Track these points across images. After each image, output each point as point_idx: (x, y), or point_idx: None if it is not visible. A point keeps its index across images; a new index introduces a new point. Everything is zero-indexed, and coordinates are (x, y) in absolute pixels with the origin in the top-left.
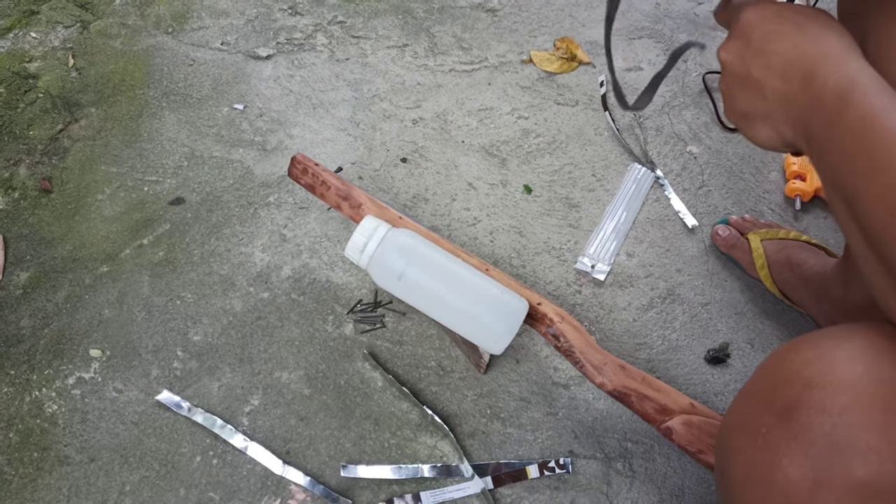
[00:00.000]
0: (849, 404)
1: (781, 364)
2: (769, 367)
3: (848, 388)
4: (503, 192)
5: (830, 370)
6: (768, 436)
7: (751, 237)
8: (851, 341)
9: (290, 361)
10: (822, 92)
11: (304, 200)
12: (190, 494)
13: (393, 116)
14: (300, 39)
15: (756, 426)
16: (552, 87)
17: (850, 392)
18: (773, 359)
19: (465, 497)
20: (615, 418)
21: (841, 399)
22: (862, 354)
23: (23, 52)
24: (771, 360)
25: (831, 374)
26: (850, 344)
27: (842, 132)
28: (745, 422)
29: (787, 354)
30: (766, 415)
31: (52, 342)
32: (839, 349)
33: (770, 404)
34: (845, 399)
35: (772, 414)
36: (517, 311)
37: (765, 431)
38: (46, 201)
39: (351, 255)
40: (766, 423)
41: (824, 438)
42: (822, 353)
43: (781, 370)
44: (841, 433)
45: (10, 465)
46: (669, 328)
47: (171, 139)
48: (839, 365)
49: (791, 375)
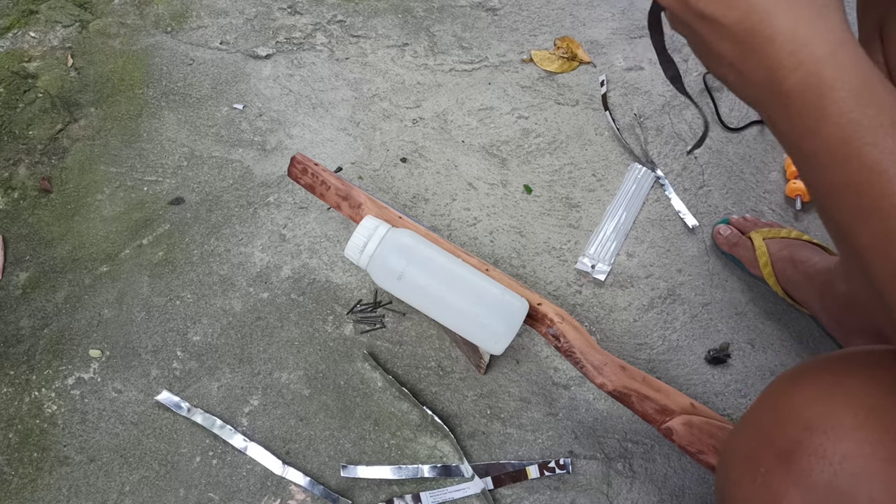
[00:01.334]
0: (850, 452)
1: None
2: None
3: (849, 434)
4: (503, 192)
5: (832, 413)
6: (768, 477)
7: (753, 235)
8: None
9: (289, 362)
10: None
11: (303, 200)
12: (190, 495)
13: (393, 116)
14: (300, 39)
15: (756, 463)
16: (552, 86)
17: (851, 439)
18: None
19: (465, 497)
20: (615, 419)
21: (842, 446)
22: (864, 395)
23: (22, 51)
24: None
25: (833, 419)
26: (852, 382)
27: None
28: (746, 455)
29: (789, 388)
30: (766, 453)
31: (52, 342)
32: (841, 388)
33: (770, 442)
34: (846, 446)
35: (772, 453)
36: (517, 311)
37: (764, 472)
38: (46, 201)
39: (351, 255)
40: (766, 463)
41: (824, 486)
42: (824, 392)
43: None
44: (842, 482)
45: (10, 465)
46: (670, 328)
47: (170, 139)
48: (841, 408)
49: (792, 414)
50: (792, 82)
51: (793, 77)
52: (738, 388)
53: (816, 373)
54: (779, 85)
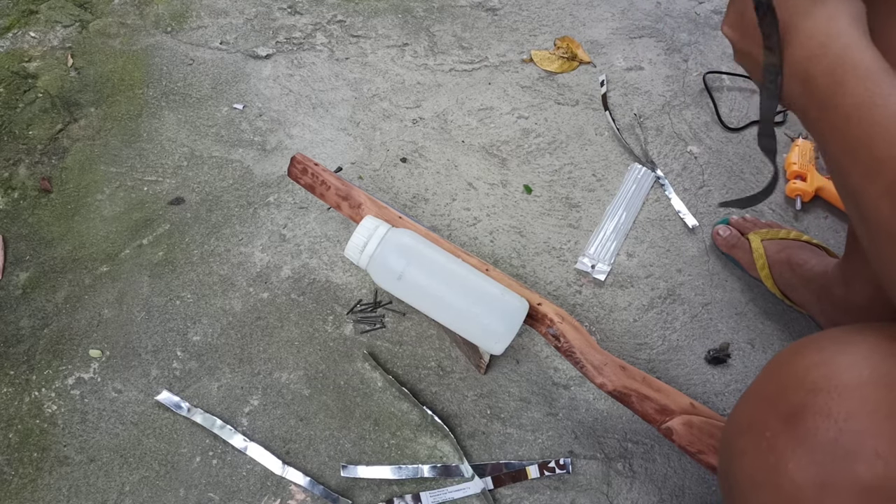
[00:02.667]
0: (854, 410)
1: (786, 367)
2: (774, 370)
3: (853, 393)
4: (503, 192)
5: (835, 374)
6: (773, 440)
7: (751, 237)
8: (856, 344)
9: (289, 362)
10: (814, 74)
11: (303, 200)
12: (189, 495)
13: (393, 116)
14: (300, 39)
15: (761, 429)
16: (552, 86)
17: (855, 397)
18: (777, 361)
19: (465, 497)
20: (615, 418)
21: (846, 404)
22: (867, 358)
23: (22, 51)
24: (775, 363)
25: (836, 379)
26: (854, 347)
27: (837, 119)
28: (750, 424)
29: (791, 357)
30: (771, 418)
31: (52, 342)
32: (844, 352)
33: (775, 408)
34: (851, 404)
35: (777, 418)
36: (517, 311)
37: (770, 435)
38: (46, 201)
39: (351, 255)
40: (771, 427)
41: (830, 444)
42: (827, 356)
43: (786, 373)
44: (847, 439)
45: (10, 465)
46: (670, 328)
47: (170, 139)
48: (844, 369)
49: (796, 379)
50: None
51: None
52: (738, 388)
53: (818, 341)
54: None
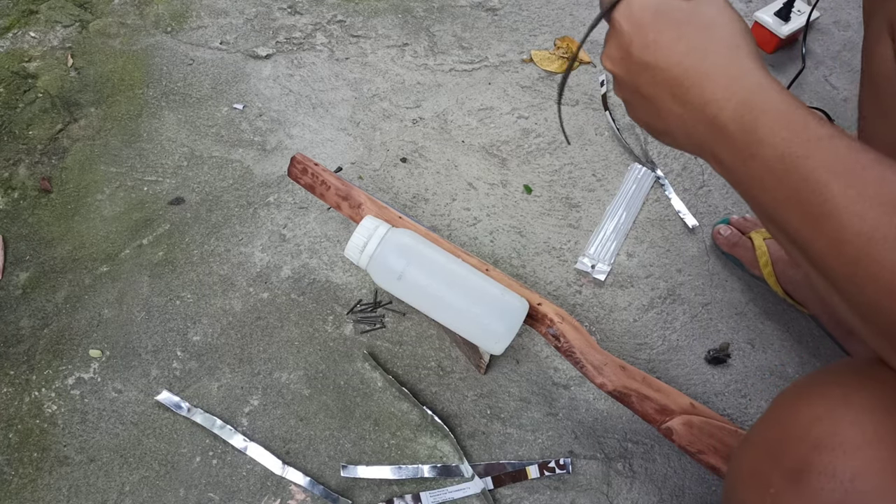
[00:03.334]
0: (860, 470)
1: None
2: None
3: (858, 451)
4: (503, 192)
5: (840, 430)
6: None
7: (754, 235)
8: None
9: (289, 362)
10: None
11: (303, 200)
12: (189, 495)
13: (393, 116)
14: (300, 39)
15: (764, 484)
16: (553, 86)
17: (860, 456)
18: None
19: (465, 497)
20: (615, 418)
21: (852, 464)
22: (872, 410)
23: (22, 51)
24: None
25: (841, 435)
26: (858, 398)
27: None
28: (753, 476)
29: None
30: (774, 473)
31: (52, 342)
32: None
33: (778, 461)
34: (856, 464)
35: (780, 474)
36: (517, 311)
37: (773, 493)
38: (46, 201)
39: (351, 255)
40: (774, 484)
41: None
42: (831, 407)
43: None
44: (853, 500)
45: (10, 465)
46: (670, 328)
47: (170, 139)
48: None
49: (799, 432)
50: (729, 111)
51: (730, 106)
52: (738, 388)
53: (822, 387)
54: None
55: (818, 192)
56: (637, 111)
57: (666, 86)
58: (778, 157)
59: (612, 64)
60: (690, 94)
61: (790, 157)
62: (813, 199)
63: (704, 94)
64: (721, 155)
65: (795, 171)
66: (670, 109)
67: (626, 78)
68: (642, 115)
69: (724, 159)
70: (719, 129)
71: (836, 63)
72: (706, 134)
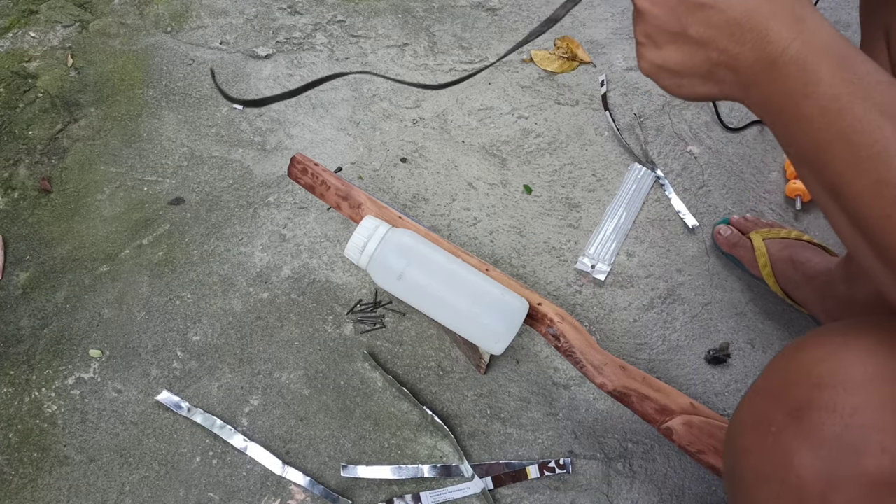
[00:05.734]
0: (860, 405)
1: (791, 362)
2: (779, 365)
3: (859, 388)
4: (503, 192)
5: (840, 369)
6: (779, 436)
7: (753, 236)
8: (861, 338)
9: (289, 362)
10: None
11: (303, 200)
12: (189, 495)
13: (393, 116)
14: (299, 39)
15: (766, 425)
16: (552, 86)
17: (860, 392)
18: (782, 356)
19: (465, 497)
20: (615, 418)
21: (852, 399)
22: (872, 352)
23: (22, 51)
24: (780, 358)
25: (841, 374)
26: (859, 341)
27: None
28: (755, 421)
29: (796, 352)
30: (776, 414)
31: (52, 342)
32: (849, 347)
33: (780, 403)
34: (856, 399)
35: (782, 413)
36: (517, 311)
37: (775, 431)
38: (46, 201)
39: (351, 255)
40: (776, 423)
41: (836, 439)
42: (832, 350)
43: (791, 368)
44: (853, 434)
45: (10, 465)
46: (670, 328)
47: (170, 139)
48: (849, 364)
49: (801, 374)
50: (792, 52)
51: (793, 47)
52: (738, 388)
53: (823, 335)
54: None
55: (870, 132)
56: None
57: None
58: (834, 96)
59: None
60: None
61: (847, 97)
62: (863, 139)
63: (770, 34)
64: (772, 94)
65: (850, 110)
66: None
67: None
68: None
69: (774, 99)
70: (779, 69)
71: None
72: (761, 73)
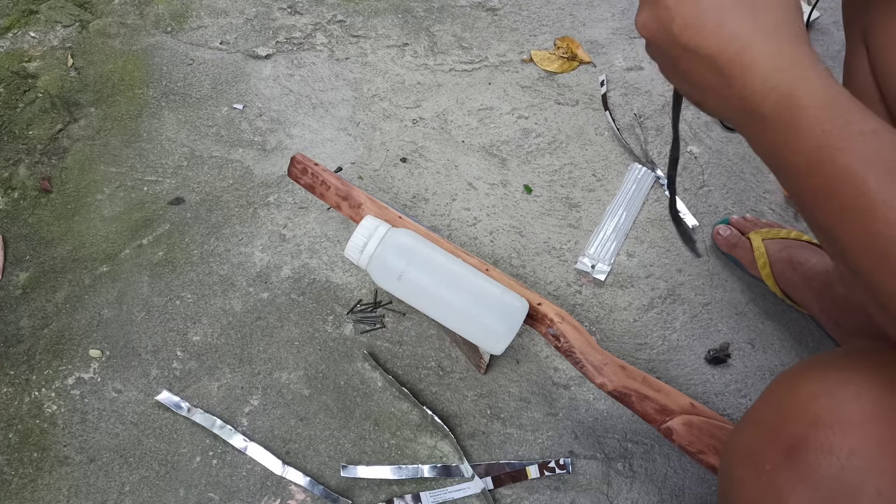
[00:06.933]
0: (857, 447)
1: (788, 395)
2: (775, 396)
3: (856, 429)
4: (503, 192)
5: (838, 408)
6: (773, 474)
7: (752, 236)
8: (860, 372)
9: (289, 362)
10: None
11: (303, 200)
12: (189, 495)
13: (393, 116)
14: (300, 39)
15: (761, 461)
16: (552, 86)
17: (858, 434)
18: (778, 385)
19: (465, 497)
20: (615, 418)
21: (849, 441)
22: (871, 390)
23: (22, 51)
24: (776, 387)
25: (839, 413)
26: (858, 377)
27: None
28: (750, 453)
29: (793, 384)
30: (771, 450)
31: (52, 342)
32: (848, 383)
33: (775, 438)
34: (853, 441)
35: (777, 450)
36: (517, 311)
37: (769, 469)
38: (46, 201)
39: (351, 255)
40: (771, 460)
41: (832, 481)
42: (830, 386)
43: (787, 402)
44: (849, 477)
45: (10, 465)
46: (670, 328)
47: (170, 139)
48: (846, 402)
49: (797, 409)
50: (770, 104)
51: (770, 98)
52: (738, 388)
53: (820, 368)
54: (757, 107)
55: (855, 185)
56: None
57: (706, 68)
58: (815, 148)
59: (648, 33)
60: (731, 82)
61: (828, 150)
62: (848, 191)
63: (745, 84)
64: (757, 140)
65: (832, 162)
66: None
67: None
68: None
69: (760, 144)
70: (759, 119)
71: (836, 63)
72: (744, 119)
